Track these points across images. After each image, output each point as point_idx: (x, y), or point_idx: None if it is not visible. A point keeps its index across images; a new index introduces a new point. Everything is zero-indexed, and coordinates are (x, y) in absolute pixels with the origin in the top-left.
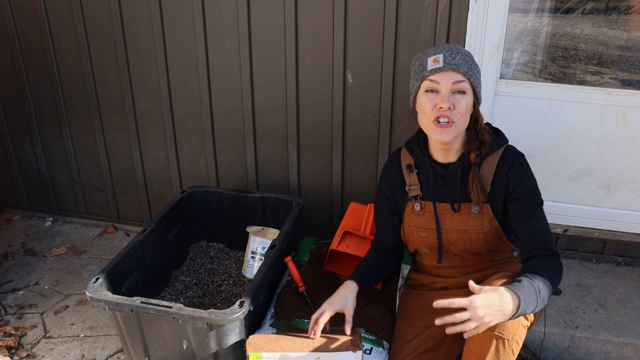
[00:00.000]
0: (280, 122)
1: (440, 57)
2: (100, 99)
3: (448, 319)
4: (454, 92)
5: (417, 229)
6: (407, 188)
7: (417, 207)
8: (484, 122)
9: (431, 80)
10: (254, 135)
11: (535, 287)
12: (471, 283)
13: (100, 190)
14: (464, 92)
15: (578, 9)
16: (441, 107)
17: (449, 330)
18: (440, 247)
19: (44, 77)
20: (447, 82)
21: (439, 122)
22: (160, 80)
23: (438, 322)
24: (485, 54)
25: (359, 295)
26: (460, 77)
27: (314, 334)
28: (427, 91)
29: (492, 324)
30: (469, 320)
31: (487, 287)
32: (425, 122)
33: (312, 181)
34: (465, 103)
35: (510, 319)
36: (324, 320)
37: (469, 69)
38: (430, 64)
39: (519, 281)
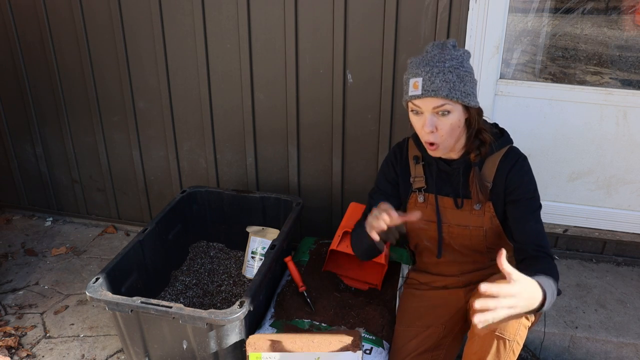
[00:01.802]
0: (280, 122)
1: (420, 81)
2: (100, 99)
3: (489, 303)
4: (437, 113)
5: (419, 220)
6: (411, 179)
7: (421, 198)
8: (491, 122)
9: (414, 104)
10: (254, 135)
11: (553, 289)
12: (503, 263)
13: (100, 190)
14: (448, 112)
15: (578, 9)
16: (425, 130)
17: (477, 319)
18: (440, 240)
19: (44, 77)
20: (428, 107)
21: (428, 142)
22: (160, 80)
23: (478, 305)
24: (485, 54)
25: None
26: (440, 102)
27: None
28: (412, 111)
29: (514, 314)
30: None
31: (519, 274)
32: (419, 136)
33: (312, 181)
34: (449, 123)
35: (527, 313)
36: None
37: (451, 90)
38: (411, 89)
39: (541, 277)
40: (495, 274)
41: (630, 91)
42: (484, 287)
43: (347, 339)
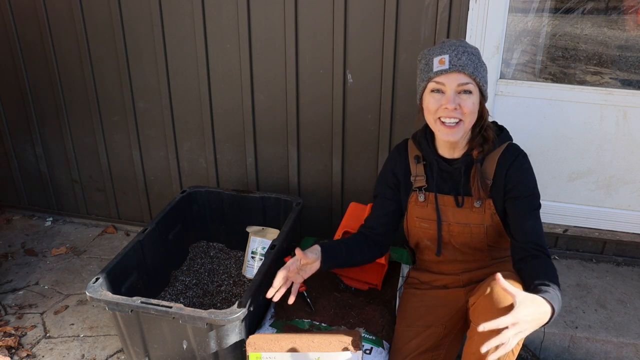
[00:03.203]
0: (280, 122)
1: (446, 57)
2: (100, 99)
3: (493, 342)
4: (459, 92)
5: (420, 219)
6: (412, 178)
7: (421, 197)
8: (490, 120)
9: (437, 82)
10: (254, 135)
11: (559, 297)
12: (504, 285)
13: (100, 190)
14: (469, 92)
15: (578, 9)
16: (446, 108)
17: (485, 349)
18: (439, 239)
19: (44, 77)
20: (452, 84)
21: (445, 122)
22: (160, 80)
23: (484, 349)
24: (485, 54)
25: (321, 265)
26: (466, 79)
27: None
28: (432, 91)
29: (525, 335)
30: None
31: (524, 296)
32: (430, 120)
33: (312, 181)
34: (471, 102)
35: (540, 327)
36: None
37: (475, 69)
38: (436, 65)
39: (546, 288)
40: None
41: (630, 91)
42: (482, 327)
43: (347, 339)
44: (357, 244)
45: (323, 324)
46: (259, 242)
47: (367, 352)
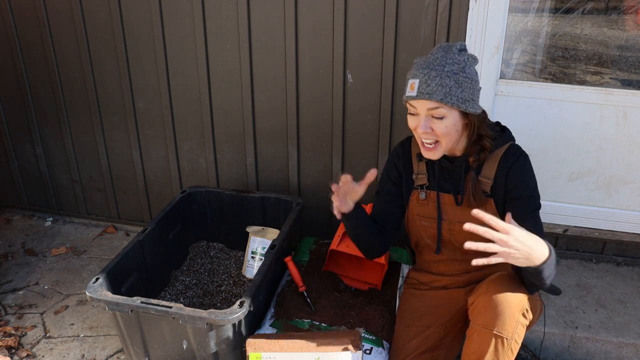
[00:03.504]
0: (280, 122)
1: (416, 83)
2: (100, 99)
3: (480, 246)
4: (432, 116)
5: (421, 217)
6: (414, 176)
7: (422, 195)
8: (493, 121)
9: (410, 105)
10: (254, 135)
11: (555, 260)
12: (509, 216)
13: (100, 190)
14: (442, 117)
15: (578, 9)
16: (420, 130)
17: (475, 262)
18: (439, 236)
19: (44, 77)
20: (422, 108)
21: (424, 143)
22: (160, 80)
23: (467, 245)
24: (485, 54)
25: (355, 207)
26: (434, 105)
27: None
28: (409, 112)
29: (514, 261)
30: (497, 244)
31: (523, 230)
32: (415, 137)
33: (312, 181)
34: (444, 126)
35: (529, 270)
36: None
37: (446, 95)
38: (408, 89)
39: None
40: (495, 273)
41: (630, 91)
42: (476, 211)
43: (347, 339)
44: (374, 225)
45: (323, 324)
46: (259, 242)
47: (367, 352)
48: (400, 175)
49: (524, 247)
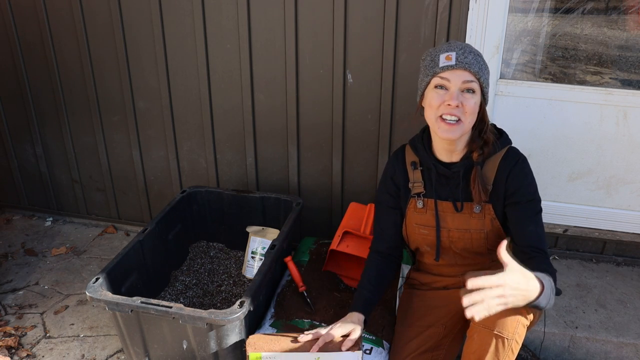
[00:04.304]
0: (280, 122)
1: (453, 54)
2: (100, 99)
3: (475, 297)
4: (462, 91)
5: (419, 226)
6: (410, 185)
7: (420, 204)
8: (489, 122)
9: (442, 77)
10: (254, 135)
11: (551, 285)
12: (501, 253)
13: (100, 190)
14: (472, 91)
15: (578, 9)
16: (449, 105)
17: (467, 302)
18: (438, 245)
19: (44, 77)
20: (457, 80)
21: (445, 119)
22: (160, 80)
23: (466, 302)
24: (485, 54)
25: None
26: (470, 77)
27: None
28: (436, 87)
29: (510, 306)
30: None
31: (515, 265)
32: (431, 117)
33: (312, 181)
34: (473, 102)
35: (526, 306)
36: (328, 337)
37: (480, 69)
38: (443, 60)
39: (539, 274)
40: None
41: (630, 91)
42: (470, 282)
43: (347, 339)
44: (381, 275)
45: (323, 324)
46: (259, 242)
47: (367, 352)
48: (397, 186)
49: (519, 292)
